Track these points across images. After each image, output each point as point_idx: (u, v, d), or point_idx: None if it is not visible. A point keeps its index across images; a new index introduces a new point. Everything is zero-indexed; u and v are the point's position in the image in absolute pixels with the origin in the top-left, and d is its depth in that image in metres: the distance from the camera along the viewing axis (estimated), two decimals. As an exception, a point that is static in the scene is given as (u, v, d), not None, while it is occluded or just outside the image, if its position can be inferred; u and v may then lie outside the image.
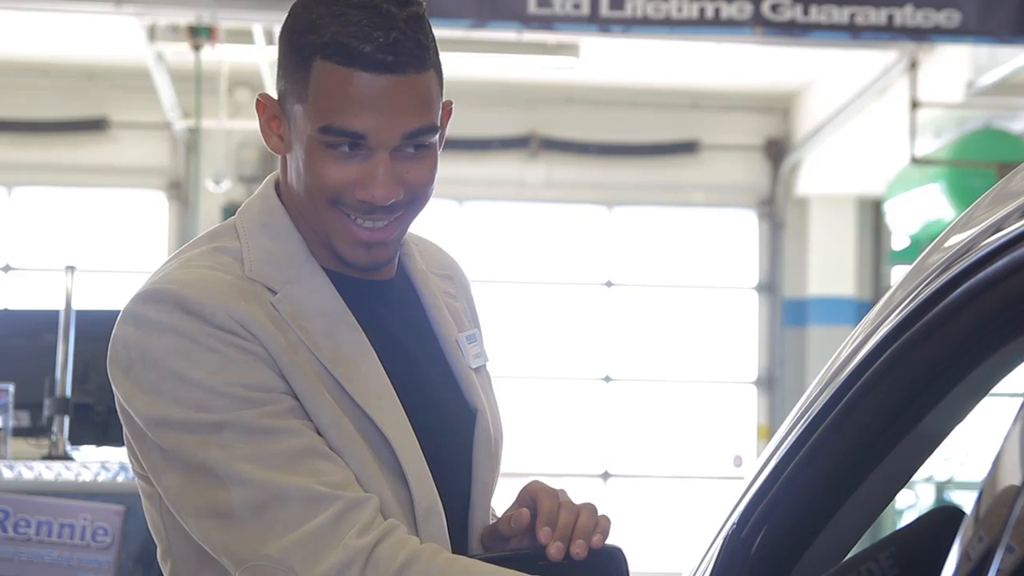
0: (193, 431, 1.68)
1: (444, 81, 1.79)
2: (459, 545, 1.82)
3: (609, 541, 1.78)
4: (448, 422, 1.85)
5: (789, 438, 1.58)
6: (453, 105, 1.85)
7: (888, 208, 9.66)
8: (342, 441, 1.72)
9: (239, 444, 1.67)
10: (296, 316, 1.76)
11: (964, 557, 1.27)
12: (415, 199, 1.78)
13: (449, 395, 1.87)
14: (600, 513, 1.78)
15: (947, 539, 1.47)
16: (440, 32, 1.79)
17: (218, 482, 1.67)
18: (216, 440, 1.67)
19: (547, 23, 6.88)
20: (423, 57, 1.73)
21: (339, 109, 1.71)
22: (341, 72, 1.70)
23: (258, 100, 1.81)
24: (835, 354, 1.63)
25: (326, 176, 1.74)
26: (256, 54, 9.21)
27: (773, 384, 11.66)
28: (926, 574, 1.56)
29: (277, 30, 9.51)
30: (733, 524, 1.58)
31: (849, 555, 1.60)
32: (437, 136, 1.78)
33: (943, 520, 1.59)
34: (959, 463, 9.65)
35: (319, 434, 1.72)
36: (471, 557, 1.79)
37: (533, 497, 1.79)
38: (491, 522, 1.87)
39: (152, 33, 9.10)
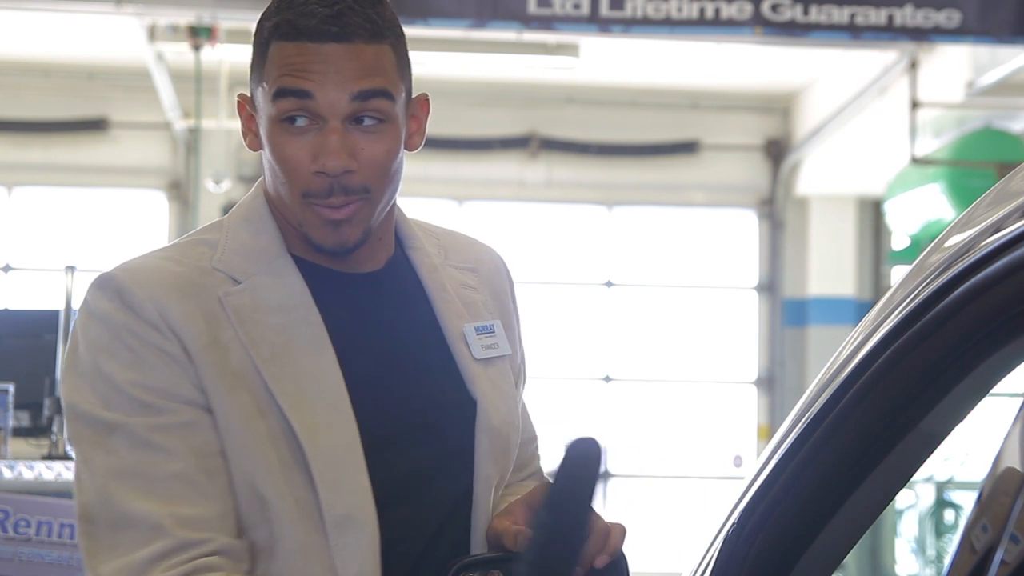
0: (92, 426, 1.71)
1: (415, 73, 1.81)
2: (461, 542, 1.81)
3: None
4: (443, 414, 1.83)
5: (789, 438, 1.58)
6: (430, 100, 1.86)
7: (888, 208, 9.66)
8: (248, 442, 1.71)
9: (122, 453, 1.69)
10: (251, 309, 1.77)
11: (968, 548, 1.28)
12: (374, 179, 1.77)
13: (448, 386, 1.85)
14: (615, 533, 1.75)
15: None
16: (440, 32, 1.79)
17: (92, 489, 1.70)
18: (105, 444, 1.69)
19: (547, 23, 6.87)
20: (372, 30, 1.75)
21: (287, 73, 1.74)
22: (290, 47, 1.74)
23: (238, 100, 1.85)
24: (835, 354, 1.62)
25: (285, 154, 1.76)
26: (256, 54, 9.20)
27: (773, 384, 11.66)
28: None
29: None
30: (733, 524, 1.58)
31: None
32: (396, 111, 1.78)
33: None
34: (959, 463, 9.65)
35: (231, 431, 1.71)
36: (472, 556, 1.78)
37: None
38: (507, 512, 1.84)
39: (152, 33, 9.10)
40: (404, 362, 1.83)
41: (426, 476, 1.80)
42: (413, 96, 1.85)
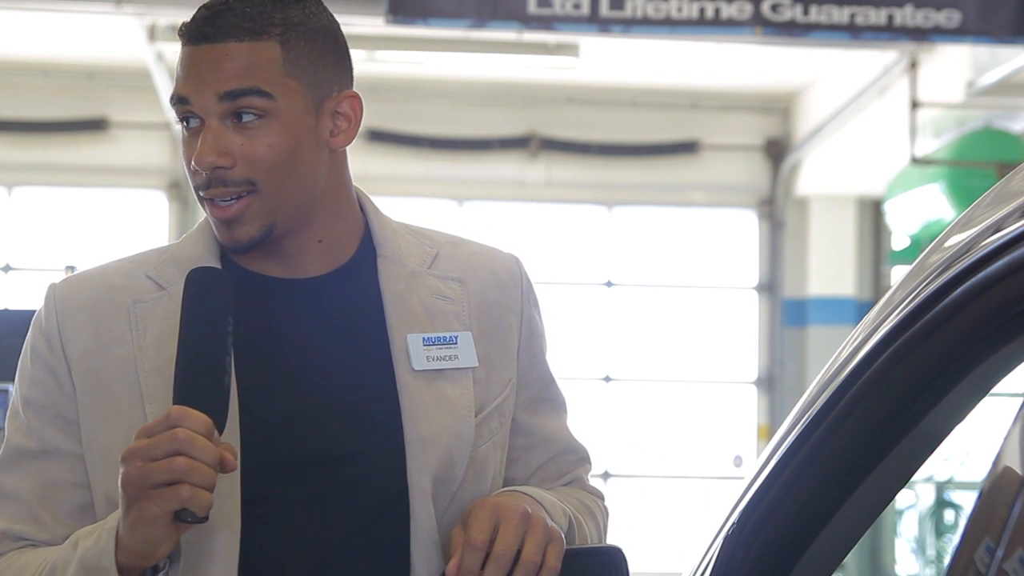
0: (6, 426, 1.82)
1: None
2: (393, 551, 1.76)
3: (609, 541, 1.77)
4: (359, 423, 1.78)
5: (789, 438, 1.58)
6: (361, 99, 1.83)
7: (888, 208, 9.67)
8: (107, 450, 1.75)
9: (4, 465, 1.81)
10: (161, 317, 1.78)
11: (967, 552, 1.28)
12: (259, 173, 1.76)
13: (372, 396, 1.80)
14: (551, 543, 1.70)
15: None
16: (440, 32, 1.78)
17: None
18: (3, 450, 1.82)
19: (547, 23, 6.87)
20: (250, 28, 1.76)
21: (176, 80, 1.79)
22: (181, 52, 1.80)
23: None
24: (835, 354, 1.62)
25: (184, 155, 1.80)
26: (256, 54, 9.20)
27: (773, 384, 11.66)
28: None
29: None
30: (733, 524, 1.58)
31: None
32: (280, 107, 1.76)
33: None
34: (959, 463, 9.65)
35: (93, 441, 1.77)
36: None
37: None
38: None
39: (152, 33, 9.10)
40: (320, 371, 1.79)
41: (331, 487, 1.76)
42: (339, 92, 1.81)
